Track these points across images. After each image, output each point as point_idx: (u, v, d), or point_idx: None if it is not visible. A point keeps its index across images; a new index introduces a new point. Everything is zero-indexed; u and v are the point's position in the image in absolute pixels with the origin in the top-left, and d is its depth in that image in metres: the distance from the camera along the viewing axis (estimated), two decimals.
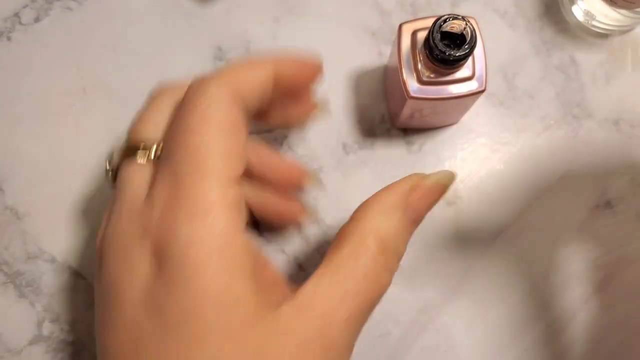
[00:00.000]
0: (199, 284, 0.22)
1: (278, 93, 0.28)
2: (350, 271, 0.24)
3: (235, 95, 0.26)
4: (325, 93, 0.39)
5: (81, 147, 0.38)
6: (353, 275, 0.24)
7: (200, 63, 0.39)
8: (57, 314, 0.36)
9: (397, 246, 0.26)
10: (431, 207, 0.28)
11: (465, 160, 0.38)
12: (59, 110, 0.39)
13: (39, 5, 0.40)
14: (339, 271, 0.24)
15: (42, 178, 0.38)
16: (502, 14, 0.40)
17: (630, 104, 0.39)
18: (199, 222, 0.23)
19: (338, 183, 0.38)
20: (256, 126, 0.33)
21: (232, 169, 0.25)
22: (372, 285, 0.25)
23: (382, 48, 0.40)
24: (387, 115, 0.39)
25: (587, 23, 0.39)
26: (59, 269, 0.37)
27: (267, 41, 0.40)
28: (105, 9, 0.40)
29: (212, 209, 0.23)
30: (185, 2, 0.40)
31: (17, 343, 0.36)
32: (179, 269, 0.23)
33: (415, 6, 0.40)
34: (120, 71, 0.39)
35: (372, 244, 0.25)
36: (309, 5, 0.40)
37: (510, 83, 0.39)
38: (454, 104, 0.33)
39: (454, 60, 0.30)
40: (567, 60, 0.40)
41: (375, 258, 0.25)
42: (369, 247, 0.25)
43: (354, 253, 0.25)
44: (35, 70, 0.39)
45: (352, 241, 0.25)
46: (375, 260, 0.25)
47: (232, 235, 0.23)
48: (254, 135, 0.38)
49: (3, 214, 0.37)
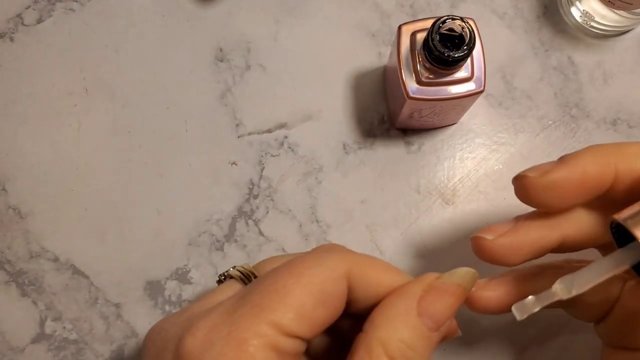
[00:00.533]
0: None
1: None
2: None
3: (346, 276, 0.24)
4: (325, 94, 0.39)
5: (83, 147, 0.39)
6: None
7: (201, 64, 0.40)
8: (59, 313, 0.37)
9: (411, 358, 0.23)
10: (452, 312, 0.24)
11: (464, 160, 0.39)
12: (61, 110, 0.39)
13: (41, 6, 0.40)
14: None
15: (44, 178, 0.38)
16: (501, 15, 0.40)
17: (628, 104, 0.39)
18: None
19: (338, 183, 0.38)
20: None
21: (298, 326, 0.22)
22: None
23: (381, 49, 0.40)
24: (386, 115, 0.39)
25: (585, 24, 0.39)
26: (61, 268, 0.37)
27: (268, 42, 0.40)
28: (107, 10, 0.40)
29: (249, 349, 0.22)
30: (187, 3, 0.40)
31: (20, 341, 0.36)
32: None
33: (415, 7, 0.40)
34: (122, 72, 0.40)
35: (380, 358, 0.22)
36: (309, 6, 0.40)
37: (509, 84, 0.39)
38: (452, 104, 0.33)
39: (453, 61, 0.30)
40: (565, 61, 0.40)
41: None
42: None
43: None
44: (37, 70, 0.40)
45: (360, 355, 0.23)
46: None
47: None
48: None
49: (6, 213, 0.38)
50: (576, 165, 0.25)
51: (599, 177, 0.25)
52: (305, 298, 0.23)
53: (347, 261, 0.24)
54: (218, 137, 0.39)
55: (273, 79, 0.39)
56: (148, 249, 0.37)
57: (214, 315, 0.23)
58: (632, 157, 0.25)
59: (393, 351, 0.23)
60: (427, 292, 0.24)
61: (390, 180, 0.38)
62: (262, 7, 0.40)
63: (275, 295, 0.23)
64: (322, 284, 0.23)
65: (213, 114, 0.39)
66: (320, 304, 0.23)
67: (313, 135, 0.39)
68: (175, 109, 0.39)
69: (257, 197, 0.38)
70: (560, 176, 0.25)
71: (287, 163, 0.38)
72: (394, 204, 0.38)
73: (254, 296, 0.23)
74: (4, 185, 0.38)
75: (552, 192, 0.25)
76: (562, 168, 0.25)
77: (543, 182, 0.25)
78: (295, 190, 0.38)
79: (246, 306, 0.23)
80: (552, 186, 0.25)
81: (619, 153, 0.25)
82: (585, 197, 0.26)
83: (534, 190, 0.26)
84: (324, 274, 0.23)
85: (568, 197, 0.26)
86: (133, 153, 0.38)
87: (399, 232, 0.38)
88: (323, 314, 0.23)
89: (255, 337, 0.22)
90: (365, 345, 0.23)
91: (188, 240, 0.38)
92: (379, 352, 0.23)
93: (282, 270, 0.24)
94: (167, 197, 0.38)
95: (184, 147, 0.39)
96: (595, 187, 0.25)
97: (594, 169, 0.25)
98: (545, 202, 0.26)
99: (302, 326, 0.23)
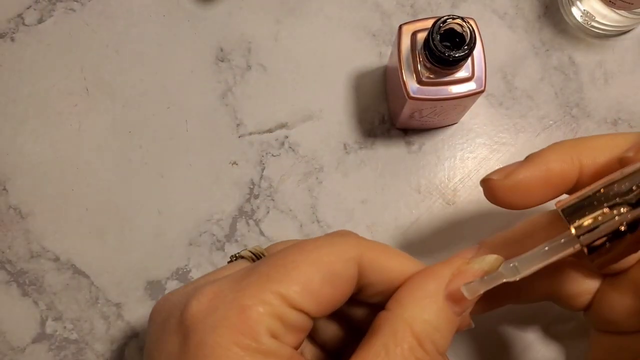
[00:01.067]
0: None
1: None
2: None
3: (357, 260, 0.24)
4: (326, 94, 0.39)
5: (84, 147, 0.39)
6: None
7: (201, 64, 0.40)
8: (60, 312, 0.37)
9: (437, 340, 0.23)
10: (477, 299, 0.24)
11: (464, 160, 0.39)
12: (62, 110, 0.39)
13: (42, 6, 0.40)
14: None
15: (45, 178, 0.38)
16: (502, 14, 0.40)
17: (628, 104, 0.39)
18: (232, 328, 0.22)
19: (338, 183, 0.38)
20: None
21: (303, 300, 0.22)
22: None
23: (382, 49, 0.40)
24: (387, 115, 0.39)
25: (586, 24, 0.39)
26: (62, 268, 0.37)
27: (269, 42, 0.40)
28: (108, 10, 0.40)
29: (252, 318, 0.22)
30: (187, 3, 0.40)
31: (21, 341, 0.36)
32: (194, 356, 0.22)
33: (415, 7, 0.40)
34: (123, 72, 0.40)
35: (406, 337, 0.22)
36: (310, 6, 0.40)
37: (510, 83, 0.39)
38: (453, 104, 0.33)
39: (454, 61, 0.30)
40: (566, 61, 0.40)
41: (409, 353, 0.22)
42: (403, 340, 0.22)
43: (386, 347, 0.22)
44: (38, 70, 0.40)
45: (385, 333, 0.23)
46: (410, 356, 0.22)
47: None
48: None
49: (7, 213, 0.38)
50: (540, 164, 0.25)
51: (563, 173, 0.25)
52: (312, 274, 0.23)
53: (359, 246, 0.24)
54: (219, 137, 0.39)
55: (274, 79, 0.39)
56: (148, 248, 0.37)
57: (221, 283, 0.23)
58: (595, 150, 0.25)
59: (419, 332, 0.23)
60: (456, 276, 0.24)
61: (391, 180, 0.38)
62: (263, 7, 0.40)
63: (283, 269, 0.23)
64: (331, 264, 0.23)
65: (214, 113, 0.39)
66: (327, 283, 0.23)
67: (314, 135, 0.39)
68: (175, 109, 0.39)
69: (257, 197, 0.38)
70: (524, 176, 0.25)
71: (288, 163, 0.38)
72: (395, 204, 0.38)
73: (262, 268, 0.23)
74: (5, 185, 0.38)
75: (518, 192, 0.26)
76: (526, 168, 0.26)
77: (508, 184, 0.26)
78: (295, 190, 0.38)
79: (253, 276, 0.23)
80: (517, 186, 0.26)
81: (581, 147, 0.26)
82: (553, 194, 0.26)
83: (500, 192, 0.26)
84: (333, 254, 0.23)
85: (534, 196, 0.26)
86: (133, 153, 0.38)
87: (399, 232, 0.38)
88: (330, 293, 0.23)
89: (260, 304, 0.22)
90: (391, 324, 0.23)
91: (188, 240, 0.38)
92: (406, 331, 0.22)
93: (292, 248, 0.24)
94: (168, 197, 0.38)
95: (185, 147, 0.39)
96: (561, 183, 0.26)
97: (558, 166, 0.25)
98: (513, 202, 0.26)
99: (308, 301, 0.22)
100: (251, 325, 0.21)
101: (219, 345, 0.21)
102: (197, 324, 0.22)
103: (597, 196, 0.22)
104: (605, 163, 0.25)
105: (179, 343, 0.22)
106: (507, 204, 0.26)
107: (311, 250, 0.23)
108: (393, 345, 0.22)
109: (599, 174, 0.25)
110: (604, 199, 0.22)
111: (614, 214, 0.21)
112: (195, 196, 0.38)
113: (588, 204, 0.22)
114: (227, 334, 0.21)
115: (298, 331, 0.23)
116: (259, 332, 0.21)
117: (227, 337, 0.21)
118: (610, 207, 0.21)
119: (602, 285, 0.28)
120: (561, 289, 0.28)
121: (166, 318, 0.24)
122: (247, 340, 0.21)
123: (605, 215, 0.21)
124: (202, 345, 0.21)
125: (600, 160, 0.25)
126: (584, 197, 0.22)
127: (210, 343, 0.21)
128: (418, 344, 0.23)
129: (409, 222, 0.38)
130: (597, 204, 0.22)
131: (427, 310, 0.23)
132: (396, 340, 0.22)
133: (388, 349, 0.22)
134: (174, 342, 0.23)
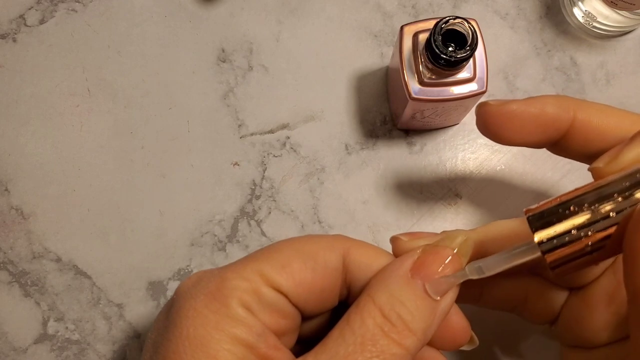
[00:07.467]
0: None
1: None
2: (345, 344, 0.22)
3: (342, 254, 0.25)
4: (327, 94, 0.39)
5: (86, 148, 0.39)
6: (347, 346, 0.22)
7: (203, 64, 0.40)
8: (62, 313, 0.37)
9: (403, 314, 0.22)
10: (446, 273, 0.23)
11: (466, 160, 0.39)
12: (63, 110, 0.39)
13: (44, 7, 0.40)
14: (334, 345, 0.22)
15: (47, 178, 0.38)
16: (503, 15, 0.40)
17: (630, 105, 0.39)
18: (215, 305, 0.23)
19: (340, 183, 0.38)
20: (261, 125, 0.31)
21: (281, 279, 0.23)
22: (372, 354, 0.22)
23: (384, 50, 0.40)
24: (388, 116, 0.39)
25: (587, 24, 0.39)
26: (64, 268, 0.37)
27: (270, 43, 0.40)
28: (110, 10, 0.40)
29: (229, 295, 0.23)
30: (189, 4, 0.40)
31: (23, 342, 0.36)
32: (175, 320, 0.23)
33: (417, 8, 0.40)
34: (125, 72, 0.40)
35: (370, 310, 0.22)
36: (312, 7, 0.40)
37: (511, 84, 0.39)
38: (455, 105, 0.33)
39: (455, 62, 0.30)
40: (567, 62, 0.40)
41: (374, 325, 0.22)
42: (367, 313, 0.22)
43: (350, 323, 0.22)
44: (40, 71, 0.40)
45: (350, 312, 0.23)
46: (375, 329, 0.22)
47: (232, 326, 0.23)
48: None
49: (8, 214, 0.38)
50: (537, 102, 0.26)
51: (556, 117, 0.26)
52: (292, 258, 0.24)
53: (345, 241, 0.26)
54: (220, 138, 0.39)
55: (275, 80, 0.40)
56: (150, 249, 0.37)
57: (212, 268, 0.25)
58: (593, 110, 0.26)
59: (383, 304, 0.22)
60: (420, 255, 0.24)
61: (392, 181, 0.38)
62: (265, 7, 0.40)
63: (267, 252, 0.25)
64: (313, 252, 0.24)
65: (215, 114, 0.39)
66: (308, 268, 0.24)
67: (315, 135, 0.39)
68: (177, 110, 0.39)
69: (259, 197, 0.38)
70: (518, 107, 0.26)
71: (290, 163, 0.38)
72: (396, 204, 0.38)
73: (252, 253, 0.25)
74: (7, 186, 0.38)
75: (510, 122, 0.27)
76: (523, 102, 0.27)
77: (502, 110, 0.27)
78: (297, 190, 0.38)
79: (241, 259, 0.25)
80: (510, 115, 0.26)
81: (581, 104, 0.26)
82: (541, 137, 0.27)
83: (492, 118, 0.27)
84: (316, 244, 0.25)
85: (523, 132, 0.27)
86: (135, 153, 0.39)
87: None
88: (310, 278, 0.24)
89: (238, 279, 0.23)
90: (356, 302, 0.23)
91: (190, 241, 0.38)
92: (370, 306, 0.23)
93: (283, 240, 0.26)
94: (170, 197, 0.38)
95: (186, 147, 0.39)
96: (551, 127, 0.26)
97: (553, 110, 0.26)
98: (502, 132, 0.27)
99: (285, 281, 0.24)
100: (225, 293, 0.23)
101: (193, 308, 0.23)
102: (181, 295, 0.24)
103: (568, 205, 0.21)
104: (597, 127, 0.26)
105: (166, 313, 0.24)
106: (496, 134, 0.27)
107: (297, 240, 0.25)
108: (359, 319, 0.22)
109: (591, 135, 0.26)
110: (574, 209, 0.21)
111: (581, 235, 0.21)
112: (197, 197, 0.38)
113: (556, 216, 0.21)
114: (203, 300, 0.23)
115: (275, 311, 0.24)
116: (231, 300, 0.23)
117: (201, 302, 0.23)
118: (578, 227, 0.21)
119: (569, 299, 0.27)
120: (525, 302, 0.28)
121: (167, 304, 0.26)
122: (217, 305, 0.23)
123: (572, 235, 0.21)
124: (180, 309, 0.23)
125: (594, 122, 0.26)
126: (552, 206, 0.22)
127: (186, 307, 0.23)
128: (381, 314, 0.22)
129: (410, 223, 0.38)
130: (566, 214, 0.21)
131: (390, 284, 0.23)
132: (362, 314, 0.22)
133: (353, 325, 0.22)
134: (164, 316, 0.24)
